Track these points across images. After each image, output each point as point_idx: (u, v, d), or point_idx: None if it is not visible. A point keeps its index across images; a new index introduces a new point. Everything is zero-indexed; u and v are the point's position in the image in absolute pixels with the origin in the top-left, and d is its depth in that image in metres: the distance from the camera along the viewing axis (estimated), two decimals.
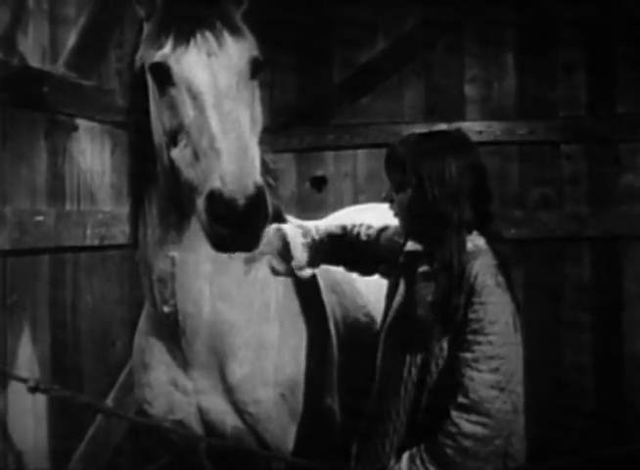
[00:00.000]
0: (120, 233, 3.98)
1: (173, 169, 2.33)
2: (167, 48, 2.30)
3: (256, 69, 2.38)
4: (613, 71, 5.62)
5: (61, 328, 3.94)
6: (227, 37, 2.32)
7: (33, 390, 2.70)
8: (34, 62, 3.71)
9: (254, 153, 2.22)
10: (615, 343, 5.55)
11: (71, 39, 3.91)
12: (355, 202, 5.37)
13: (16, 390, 3.39)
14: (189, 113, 2.26)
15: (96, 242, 4.01)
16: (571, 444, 5.25)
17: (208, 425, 2.83)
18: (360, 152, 5.90)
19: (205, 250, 2.39)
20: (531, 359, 5.19)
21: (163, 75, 2.32)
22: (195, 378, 2.79)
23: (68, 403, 3.08)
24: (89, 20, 3.93)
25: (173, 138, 2.32)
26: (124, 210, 2.89)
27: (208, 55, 2.28)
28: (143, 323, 2.96)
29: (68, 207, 3.92)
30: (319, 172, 5.92)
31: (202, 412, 2.82)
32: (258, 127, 2.40)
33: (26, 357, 3.65)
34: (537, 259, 5.66)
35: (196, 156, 2.21)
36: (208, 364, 2.78)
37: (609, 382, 5.54)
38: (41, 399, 3.59)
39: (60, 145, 3.89)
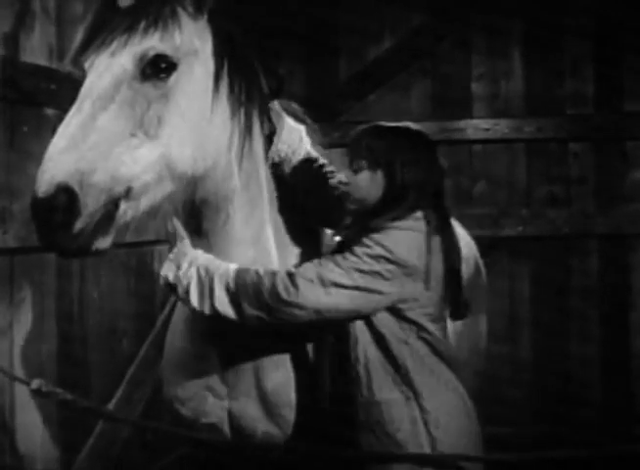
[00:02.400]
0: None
1: None
2: (92, 48, 2.31)
3: (159, 69, 2.28)
4: (620, 69, 5.61)
5: (68, 324, 3.91)
6: (137, 37, 2.26)
7: (36, 393, 2.73)
8: (42, 59, 3.71)
9: (123, 152, 2.17)
10: (622, 340, 5.58)
11: (78, 37, 3.87)
12: None
13: (22, 387, 3.35)
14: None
15: None
16: (579, 435, 5.28)
17: (238, 430, 2.78)
18: None
19: (238, 249, 2.52)
20: (539, 354, 5.59)
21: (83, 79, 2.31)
22: (229, 382, 2.76)
23: (71, 407, 3.02)
24: (96, 17, 3.91)
25: None
26: None
27: (112, 55, 2.25)
28: (178, 322, 2.92)
29: None
30: None
31: (232, 417, 2.77)
32: (156, 129, 2.26)
33: (32, 357, 3.64)
34: (545, 257, 5.69)
35: None
36: (244, 368, 2.73)
37: (616, 375, 5.58)
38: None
39: None
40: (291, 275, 2.40)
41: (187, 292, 2.45)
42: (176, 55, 2.30)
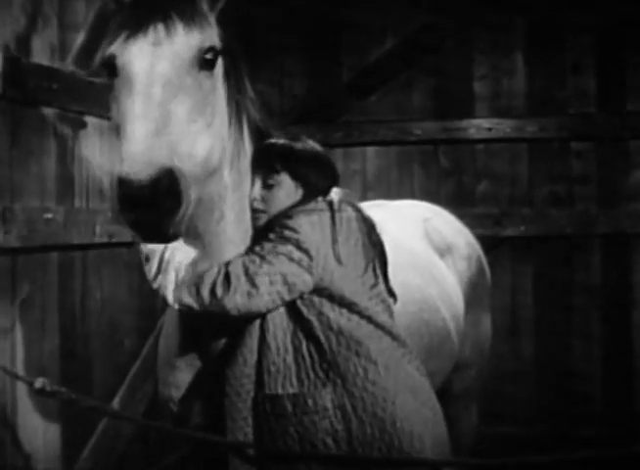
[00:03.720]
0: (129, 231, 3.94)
1: None
2: (120, 41, 2.29)
3: (208, 60, 2.34)
4: (623, 67, 5.63)
5: (70, 325, 3.91)
6: (179, 27, 2.29)
7: (40, 392, 2.71)
8: (44, 59, 3.70)
9: (185, 139, 2.20)
10: (625, 338, 5.60)
11: (81, 37, 3.90)
12: (364, 199, 5.32)
13: (25, 388, 3.38)
14: (124, 103, 2.22)
15: (105, 239, 3.99)
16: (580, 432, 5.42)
17: None
18: (369, 149, 5.92)
19: (229, 248, 2.52)
20: (541, 356, 5.62)
21: (112, 68, 2.31)
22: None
23: (74, 406, 3.03)
24: (98, 17, 3.92)
25: (119, 133, 2.27)
26: None
27: (154, 44, 2.26)
28: (170, 323, 2.90)
29: (77, 204, 3.91)
30: None
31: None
32: (208, 118, 2.34)
33: (35, 356, 3.64)
34: (547, 257, 5.71)
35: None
36: None
37: (618, 373, 5.61)
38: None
39: (69, 142, 3.87)
40: (227, 274, 2.43)
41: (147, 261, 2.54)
42: (219, 48, 2.39)
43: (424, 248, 3.69)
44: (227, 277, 2.42)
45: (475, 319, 3.92)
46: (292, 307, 2.48)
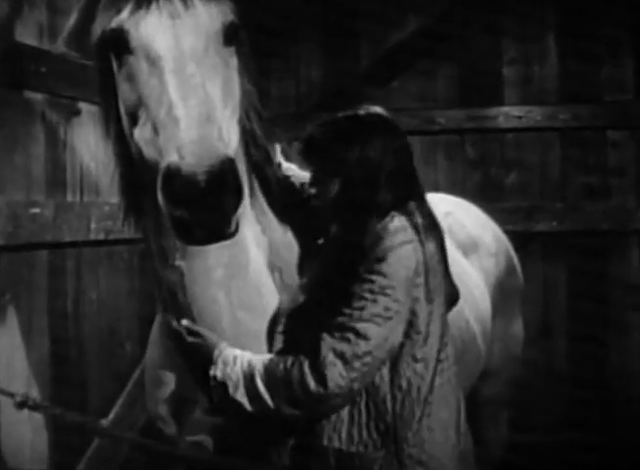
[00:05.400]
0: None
1: (141, 155, 2.09)
2: (126, 12, 2.10)
3: (231, 34, 2.18)
4: None
5: (61, 330, 3.77)
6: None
7: (21, 405, 2.58)
8: (31, 39, 3.54)
9: (224, 124, 2.02)
10: None
11: (73, 15, 3.70)
12: None
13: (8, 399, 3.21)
14: (148, 82, 2.04)
15: (101, 236, 3.84)
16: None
17: (227, 448, 2.60)
18: None
19: (215, 253, 2.27)
20: (574, 360, 5.48)
21: (121, 43, 2.11)
22: None
23: (59, 422, 2.91)
24: None
25: (134, 116, 2.10)
26: None
27: (172, 17, 2.08)
28: (156, 335, 2.74)
29: (69, 198, 3.76)
30: None
31: (219, 434, 2.60)
32: (235, 100, 2.18)
33: (20, 365, 3.50)
34: (580, 255, 5.59)
35: (155, 130, 1.98)
36: None
37: None
38: None
39: (60, 130, 3.72)
40: (314, 365, 2.18)
41: (236, 388, 2.26)
42: (238, 23, 2.24)
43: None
44: (317, 368, 2.17)
45: (504, 321, 3.79)
46: None
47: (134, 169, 2.28)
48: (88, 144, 3.86)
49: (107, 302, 4.09)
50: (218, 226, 1.90)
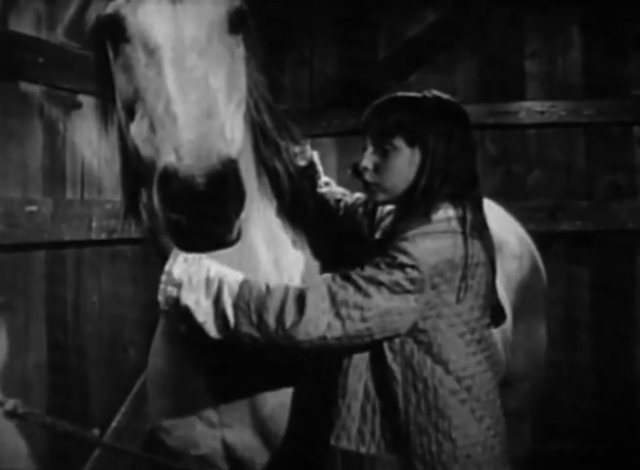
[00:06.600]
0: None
1: (138, 153, 1.95)
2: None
3: (238, 21, 2.06)
4: None
5: (60, 334, 3.73)
6: None
7: (11, 415, 2.45)
8: (28, 28, 3.49)
9: (228, 120, 1.90)
10: None
11: (73, 3, 3.58)
12: None
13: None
14: (145, 74, 1.91)
15: (103, 236, 3.78)
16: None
17: (235, 463, 2.55)
18: None
19: (223, 257, 2.11)
20: (600, 364, 5.36)
21: (117, 31, 1.98)
22: (221, 409, 2.50)
23: (50, 433, 2.87)
24: None
25: (131, 111, 1.96)
26: None
27: (172, 2, 1.95)
28: (159, 342, 2.65)
29: (69, 195, 3.71)
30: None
31: (227, 448, 2.53)
32: (241, 93, 2.08)
33: (16, 369, 3.43)
34: (606, 255, 5.48)
35: (152, 127, 1.83)
36: (236, 391, 2.49)
37: None
38: None
39: (59, 124, 3.66)
40: (300, 297, 2.09)
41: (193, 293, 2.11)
42: (245, 8, 2.12)
43: None
44: (299, 302, 2.09)
45: (527, 326, 3.68)
46: (375, 347, 2.19)
47: (132, 166, 2.16)
48: (90, 139, 3.80)
49: (109, 304, 4.03)
50: (218, 233, 1.76)
